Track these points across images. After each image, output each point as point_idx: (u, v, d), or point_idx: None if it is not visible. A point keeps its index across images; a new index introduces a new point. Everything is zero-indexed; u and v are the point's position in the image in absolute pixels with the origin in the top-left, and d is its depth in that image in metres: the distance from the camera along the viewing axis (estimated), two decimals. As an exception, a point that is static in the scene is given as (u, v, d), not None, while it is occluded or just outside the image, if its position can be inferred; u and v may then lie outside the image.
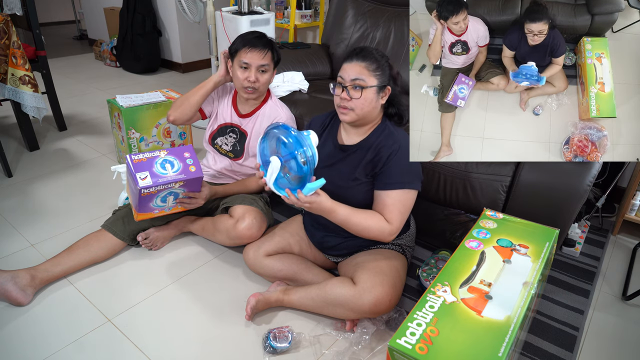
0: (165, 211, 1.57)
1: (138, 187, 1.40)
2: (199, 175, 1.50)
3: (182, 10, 2.79)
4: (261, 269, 1.51)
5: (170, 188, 1.47)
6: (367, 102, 1.26)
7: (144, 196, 1.43)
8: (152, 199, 1.48)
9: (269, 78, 1.66)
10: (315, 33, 3.89)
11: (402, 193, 1.28)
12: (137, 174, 1.41)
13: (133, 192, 1.49)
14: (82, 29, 5.46)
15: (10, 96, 2.21)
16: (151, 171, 1.44)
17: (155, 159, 1.47)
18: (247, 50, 1.58)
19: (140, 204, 1.47)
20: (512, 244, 1.21)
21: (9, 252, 1.67)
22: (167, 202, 1.53)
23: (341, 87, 1.27)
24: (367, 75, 1.25)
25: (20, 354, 1.26)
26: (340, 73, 1.29)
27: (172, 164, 1.48)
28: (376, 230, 1.26)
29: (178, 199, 1.55)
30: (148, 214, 1.54)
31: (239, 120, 1.74)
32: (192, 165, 1.51)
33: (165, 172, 1.45)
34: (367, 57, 1.26)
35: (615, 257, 1.82)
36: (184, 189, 1.52)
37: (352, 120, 1.30)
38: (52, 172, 2.28)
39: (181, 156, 1.51)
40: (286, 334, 1.31)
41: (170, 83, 3.86)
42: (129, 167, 1.45)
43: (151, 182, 1.41)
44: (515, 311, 0.99)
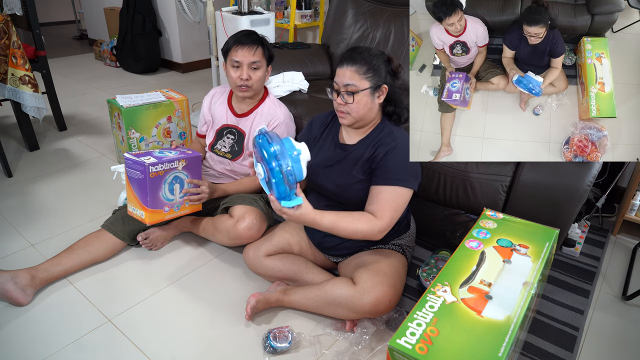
0: (174, 210, 1.57)
1: (146, 165, 1.43)
2: (196, 154, 1.58)
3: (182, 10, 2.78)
4: (261, 269, 1.51)
5: (174, 170, 1.51)
6: (361, 105, 1.26)
7: (152, 177, 1.45)
8: (160, 185, 1.49)
9: (262, 75, 1.66)
10: (315, 33, 3.89)
11: (396, 190, 1.27)
12: (141, 158, 1.46)
13: (139, 188, 1.49)
14: (82, 29, 5.46)
15: (10, 96, 2.21)
16: (153, 155, 1.51)
17: (152, 151, 1.56)
18: (237, 48, 1.58)
19: (150, 193, 1.47)
20: (512, 244, 1.21)
21: (9, 252, 1.67)
22: (174, 193, 1.54)
23: (336, 93, 1.28)
24: (357, 80, 1.24)
25: (20, 354, 1.26)
26: (335, 78, 1.29)
27: (170, 152, 1.58)
28: (365, 230, 1.25)
29: (184, 189, 1.56)
30: (159, 213, 1.53)
31: (236, 120, 1.74)
32: (187, 150, 1.62)
33: (165, 154, 1.53)
34: (356, 61, 1.25)
35: (615, 257, 1.82)
36: (187, 174, 1.56)
37: (350, 123, 1.31)
38: (52, 172, 2.28)
39: (174, 149, 1.64)
40: (286, 334, 1.31)
41: (170, 83, 3.86)
42: (130, 163, 1.47)
43: (156, 160, 1.46)
44: (515, 311, 0.99)
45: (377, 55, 1.28)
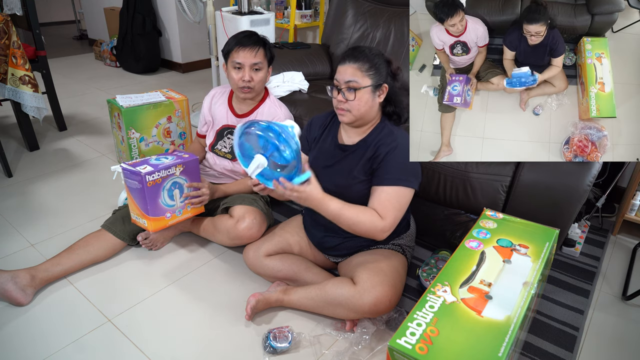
0: (176, 215, 1.57)
1: (142, 175, 1.42)
2: (193, 157, 1.58)
3: (182, 10, 2.78)
4: (261, 269, 1.51)
5: (172, 176, 1.51)
6: (362, 103, 1.26)
7: (150, 186, 1.45)
8: (159, 193, 1.49)
9: (264, 76, 1.66)
10: (315, 33, 3.89)
11: (398, 189, 1.27)
12: (137, 168, 1.45)
13: (139, 197, 1.49)
14: (82, 29, 5.46)
15: (10, 96, 2.21)
16: (148, 163, 1.50)
17: (148, 159, 1.55)
18: (239, 50, 1.58)
19: (150, 202, 1.47)
20: (512, 244, 1.21)
21: (9, 252, 1.67)
22: (174, 199, 1.54)
23: (337, 90, 1.28)
24: (360, 77, 1.25)
25: (20, 354, 1.26)
26: (335, 75, 1.29)
27: (166, 157, 1.58)
28: (369, 224, 1.25)
29: (185, 194, 1.56)
30: (161, 220, 1.53)
31: (237, 120, 1.74)
32: (184, 154, 1.60)
33: (161, 161, 1.53)
34: (359, 58, 1.25)
35: (615, 257, 1.82)
36: (186, 178, 1.56)
37: (350, 121, 1.30)
38: (52, 172, 2.28)
39: (171, 154, 1.63)
40: (286, 334, 1.31)
41: (170, 83, 3.86)
42: (127, 173, 1.47)
43: (152, 168, 1.46)
44: (515, 311, 0.99)
45: (378, 55, 1.29)
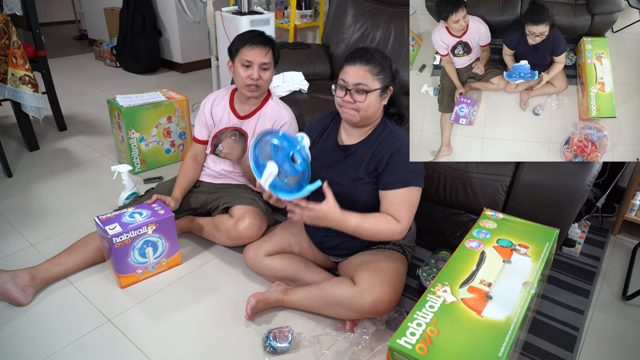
0: (150, 271, 1.55)
1: (109, 237, 1.39)
2: (168, 214, 1.52)
3: (182, 10, 2.78)
4: (261, 269, 1.51)
5: (143, 235, 1.47)
6: (371, 105, 1.27)
7: (117, 247, 1.42)
8: (128, 252, 1.46)
9: (271, 76, 1.66)
10: (315, 33, 3.89)
11: (408, 191, 1.29)
12: (106, 227, 1.42)
13: (108, 253, 1.49)
14: (82, 29, 5.46)
15: (10, 96, 2.21)
16: (120, 222, 1.46)
17: (123, 213, 1.50)
18: (250, 48, 1.58)
19: (118, 261, 1.45)
20: (512, 244, 1.21)
21: (9, 252, 1.67)
22: (147, 256, 1.52)
23: (344, 90, 1.27)
24: (370, 80, 1.24)
25: (20, 354, 1.26)
26: (342, 75, 1.28)
27: (141, 213, 1.51)
28: (387, 231, 1.27)
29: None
30: (131, 276, 1.51)
31: (239, 122, 1.73)
32: (160, 210, 1.54)
33: (134, 219, 1.48)
34: (370, 61, 1.25)
35: (615, 257, 1.82)
36: (160, 237, 1.52)
37: (357, 121, 1.30)
38: (52, 172, 2.28)
39: (148, 207, 1.55)
40: (286, 334, 1.31)
41: (170, 83, 3.86)
42: (99, 228, 1.46)
43: (121, 229, 1.42)
44: (515, 311, 0.99)
45: (386, 58, 1.29)
